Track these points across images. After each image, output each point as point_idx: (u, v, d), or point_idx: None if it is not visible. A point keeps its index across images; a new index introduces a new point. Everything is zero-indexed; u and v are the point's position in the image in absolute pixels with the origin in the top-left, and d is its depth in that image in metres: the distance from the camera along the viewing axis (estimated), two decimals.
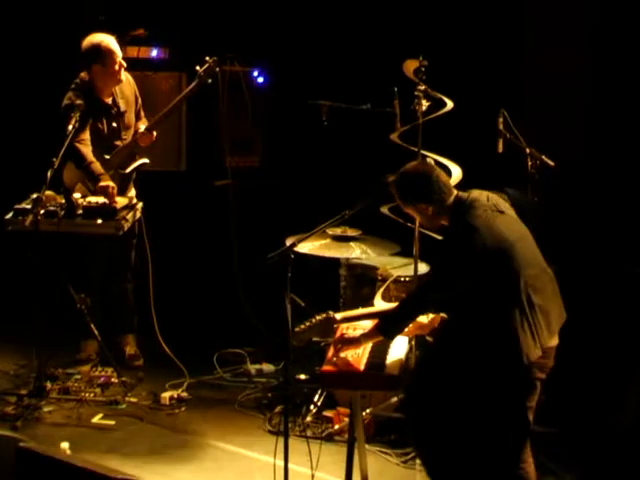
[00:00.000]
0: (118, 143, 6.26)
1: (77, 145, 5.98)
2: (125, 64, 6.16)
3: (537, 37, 6.93)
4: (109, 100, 6.23)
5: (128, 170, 6.24)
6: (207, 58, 6.18)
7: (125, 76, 6.24)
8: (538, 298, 4.25)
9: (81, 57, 6.14)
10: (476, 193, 4.46)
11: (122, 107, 6.26)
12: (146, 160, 6.32)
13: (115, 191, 5.92)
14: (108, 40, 6.09)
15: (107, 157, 6.19)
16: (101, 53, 6.05)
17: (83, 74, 6.17)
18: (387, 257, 6.04)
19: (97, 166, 6.02)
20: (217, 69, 6.19)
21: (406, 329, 4.55)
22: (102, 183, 5.94)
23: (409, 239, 5.50)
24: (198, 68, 6.18)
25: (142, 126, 6.29)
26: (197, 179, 7.73)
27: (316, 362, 5.68)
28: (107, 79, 6.14)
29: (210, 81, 6.19)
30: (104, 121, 6.22)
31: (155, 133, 6.27)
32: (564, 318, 4.39)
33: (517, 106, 5.99)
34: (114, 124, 6.25)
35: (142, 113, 6.44)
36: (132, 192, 6.29)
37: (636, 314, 6.06)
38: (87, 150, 6.05)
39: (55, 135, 5.81)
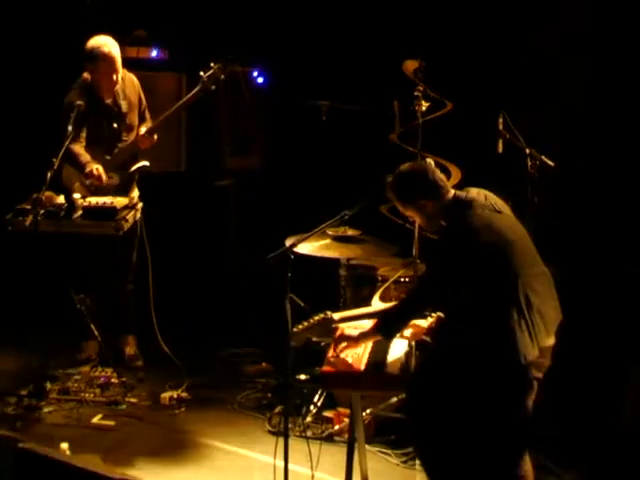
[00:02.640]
0: (119, 144, 6.26)
1: (70, 145, 5.95)
2: (121, 70, 6.15)
3: (537, 37, 6.92)
4: (110, 101, 6.23)
5: (132, 169, 6.23)
6: (212, 64, 6.12)
7: (129, 77, 6.25)
8: (535, 298, 4.25)
9: (83, 57, 6.15)
10: (474, 192, 4.46)
11: (124, 108, 6.25)
12: (146, 163, 6.30)
13: (101, 171, 5.93)
14: (109, 44, 6.08)
15: (108, 158, 6.20)
16: (98, 57, 6.05)
17: (85, 74, 6.18)
18: (387, 258, 6.04)
19: (84, 157, 6.01)
20: (222, 76, 6.14)
21: (405, 330, 4.55)
22: (87, 169, 5.95)
23: (409, 240, 5.50)
24: (202, 74, 6.11)
25: (144, 128, 6.28)
26: (197, 179, 7.72)
27: (316, 362, 5.68)
28: (105, 81, 6.14)
29: (214, 87, 6.15)
30: (104, 121, 6.22)
31: (156, 136, 6.27)
32: (560, 318, 4.40)
33: (517, 107, 5.97)
34: (115, 125, 6.24)
35: (147, 115, 6.42)
36: (135, 192, 6.30)
37: (636, 314, 6.05)
38: (78, 146, 6.04)
39: (55, 135, 5.82)
